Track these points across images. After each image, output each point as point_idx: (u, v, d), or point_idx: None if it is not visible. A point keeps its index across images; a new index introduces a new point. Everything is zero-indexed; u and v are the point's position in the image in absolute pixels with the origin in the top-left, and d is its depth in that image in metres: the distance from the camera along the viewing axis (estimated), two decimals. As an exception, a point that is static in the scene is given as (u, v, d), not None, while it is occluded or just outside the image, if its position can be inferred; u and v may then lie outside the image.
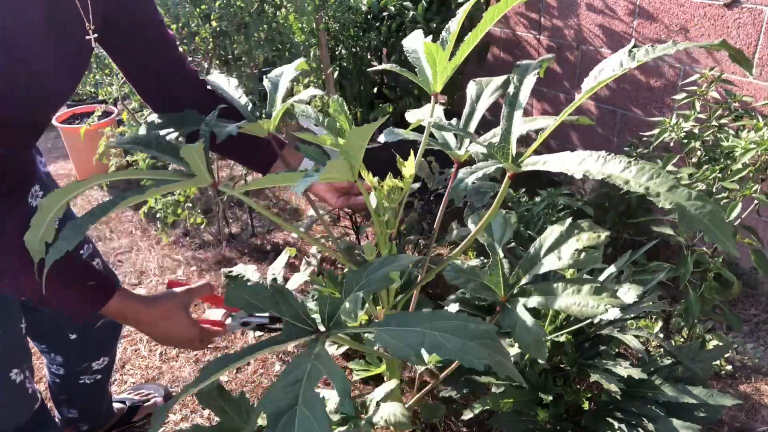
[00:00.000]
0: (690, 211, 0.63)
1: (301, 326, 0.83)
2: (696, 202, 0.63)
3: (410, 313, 0.79)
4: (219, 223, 2.63)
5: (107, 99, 2.61)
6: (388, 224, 0.94)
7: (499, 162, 0.81)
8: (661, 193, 0.65)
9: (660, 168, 0.66)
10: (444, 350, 0.72)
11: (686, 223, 0.63)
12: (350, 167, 0.78)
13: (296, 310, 0.84)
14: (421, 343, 0.73)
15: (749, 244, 1.53)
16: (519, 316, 0.96)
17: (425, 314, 0.78)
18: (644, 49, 0.72)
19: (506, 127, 0.84)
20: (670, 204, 0.64)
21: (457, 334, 0.74)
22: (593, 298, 0.93)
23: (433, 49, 0.84)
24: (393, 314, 0.81)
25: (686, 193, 0.64)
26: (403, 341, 0.73)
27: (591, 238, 0.96)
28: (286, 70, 1.07)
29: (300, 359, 0.75)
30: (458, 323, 0.75)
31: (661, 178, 0.66)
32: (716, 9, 2.03)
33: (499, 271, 1.05)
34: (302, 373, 0.73)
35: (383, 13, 2.75)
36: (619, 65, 0.73)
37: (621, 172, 0.68)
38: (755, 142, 1.45)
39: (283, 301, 0.84)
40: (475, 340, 0.73)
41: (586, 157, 0.72)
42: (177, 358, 2.01)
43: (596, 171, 0.69)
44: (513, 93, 0.85)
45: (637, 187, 0.66)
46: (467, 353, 0.72)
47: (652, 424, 1.27)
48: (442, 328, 0.74)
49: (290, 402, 0.70)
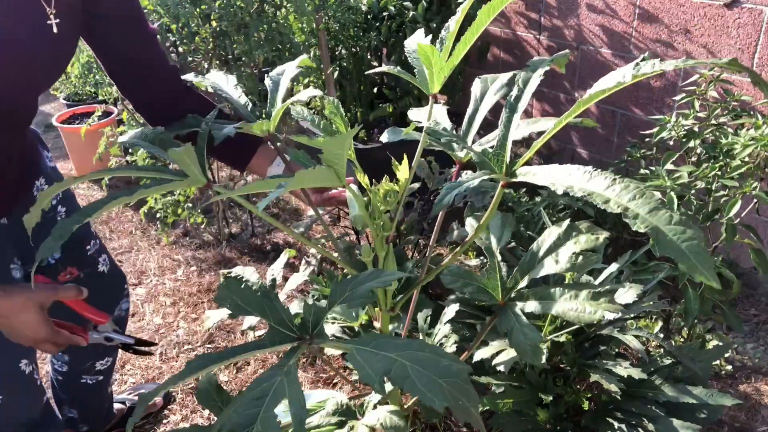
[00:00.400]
0: (667, 236, 0.59)
1: (286, 332, 0.82)
2: (676, 228, 0.59)
3: (391, 338, 0.78)
4: (219, 223, 2.63)
5: (107, 99, 2.61)
6: (384, 227, 0.94)
7: (490, 172, 0.79)
8: (640, 214, 0.61)
9: (646, 188, 0.63)
10: (408, 383, 0.69)
11: (660, 247, 0.59)
12: (335, 173, 0.77)
13: (281, 316, 0.83)
14: (387, 372, 0.70)
15: (749, 243, 1.53)
16: (516, 321, 0.95)
17: (403, 342, 0.75)
18: (650, 63, 0.69)
19: (503, 133, 0.82)
20: (645, 227, 0.60)
21: (428, 369, 0.70)
22: (590, 303, 0.92)
23: (428, 50, 0.83)
24: (371, 335, 0.79)
25: (667, 216, 0.60)
26: (371, 366, 0.70)
27: (589, 241, 0.96)
28: (288, 68, 1.07)
29: (270, 372, 0.75)
30: (431, 356, 0.72)
31: (643, 199, 0.62)
32: (716, 9, 2.03)
33: (496, 275, 1.05)
34: (269, 389, 0.72)
35: (383, 13, 2.75)
36: (621, 77, 0.70)
37: (604, 190, 0.65)
38: (754, 138, 1.45)
39: (269, 306, 0.84)
40: (444, 378, 0.70)
41: (573, 171, 0.70)
42: (177, 358, 2.01)
43: (579, 187, 0.67)
44: (515, 97, 0.84)
45: (616, 207, 0.63)
46: (431, 391, 0.68)
47: (652, 424, 1.27)
48: (413, 359, 0.71)
49: (250, 420, 0.69)
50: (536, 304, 0.97)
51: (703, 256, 0.58)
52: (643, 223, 0.61)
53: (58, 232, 0.77)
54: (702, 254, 0.58)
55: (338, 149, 0.73)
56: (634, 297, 1.35)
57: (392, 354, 0.72)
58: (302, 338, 0.83)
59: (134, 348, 1.18)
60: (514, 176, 0.78)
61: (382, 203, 0.91)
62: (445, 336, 1.34)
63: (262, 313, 0.84)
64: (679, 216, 0.60)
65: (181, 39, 2.19)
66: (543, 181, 0.72)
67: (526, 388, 1.38)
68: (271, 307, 0.84)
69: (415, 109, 1.07)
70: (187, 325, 2.16)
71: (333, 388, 1.82)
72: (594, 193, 0.65)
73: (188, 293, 2.32)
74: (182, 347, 2.06)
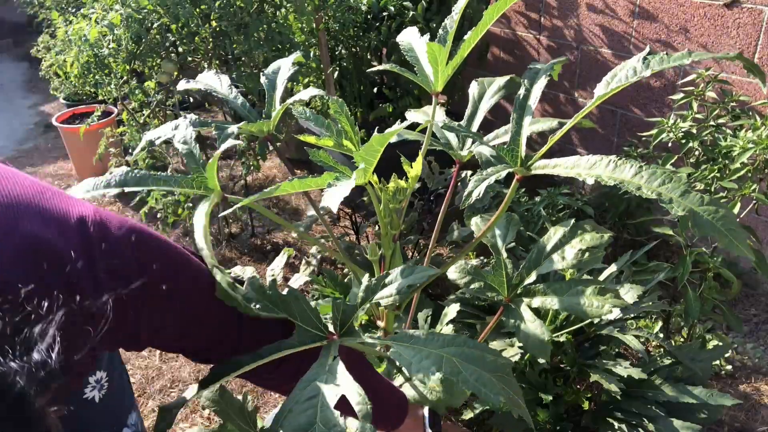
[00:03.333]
0: (703, 216, 0.62)
1: (314, 332, 0.82)
2: (709, 208, 0.62)
3: (429, 332, 0.78)
4: (219, 223, 2.63)
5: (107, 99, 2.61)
6: (392, 225, 0.94)
7: (509, 166, 0.80)
8: (674, 198, 0.64)
9: (672, 173, 0.66)
10: (461, 378, 0.70)
11: (700, 229, 0.62)
12: (365, 171, 0.78)
13: (309, 315, 0.83)
14: (439, 368, 0.71)
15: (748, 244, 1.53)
16: (523, 317, 0.96)
17: (444, 337, 0.76)
18: (659, 57, 0.71)
19: (516, 129, 0.83)
20: (683, 210, 0.63)
21: (476, 365, 0.72)
22: (597, 298, 0.93)
23: (435, 49, 0.84)
24: (405, 333, 0.79)
25: (699, 198, 0.63)
26: (420, 362, 0.72)
27: (594, 239, 0.97)
28: (283, 66, 1.07)
29: (313, 373, 0.74)
30: (476, 352, 0.73)
31: (673, 183, 0.65)
32: (716, 9, 2.03)
33: (502, 272, 1.05)
34: (318, 388, 0.72)
35: (383, 13, 2.75)
36: (633, 73, 0.72)
37: (633, 177, 0.67)
38: (753, 141, 1.45)
39: (297, 306, 0.84)
40: (491, 372, 0.71)
41: (596, 161, 0.71)
42: (177, 358, 2.01)
43: (607, 176, 0.68)
44: (523, 95, 0.85)
45: (650, 192, 0.65)
46: (484, 386, 0.70)
47: (652, 424, 1.27)
48: (461, 355, 0.73)
49: (309, 420, 0.69)
50: (543, 300, 0.97)
51: (738, 233, 0.62)
52: (679, 207, 0.63)
53: None
54: (737, 231, 0.62)
55: (380, 146, 0.75)
56: (634, 297, 1.35)
57: (438, 350, 0.73)
58: (330, 337, 0.83)
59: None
60: (530, 170, 0.79)
61: (391, 201, 0.91)
62: (445, 336, 1.34)
63: (288, 312, 0.83)
64: (710, 197, 0.63)
65: (181, 39, 2.19)
66: (566, 173, 0.73)
67: (526, 388, 1.38)
68: (298, 307, 0.84)
69: (413, 111, 1.08)
70: (187, 325, 2.16)
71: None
72: (625, 181, 0.67)
73: (188, 293, 2.32)
74: (182, 347, 2.06)
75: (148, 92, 2.41)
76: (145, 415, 1.80)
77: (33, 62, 5.24)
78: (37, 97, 4.80)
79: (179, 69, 2.27)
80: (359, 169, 0.74)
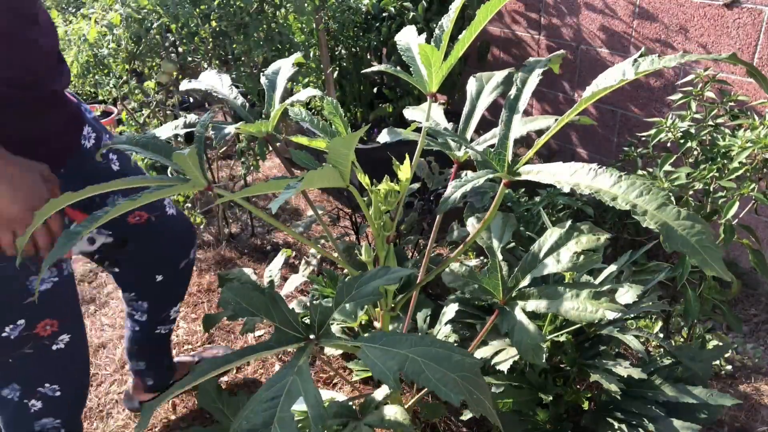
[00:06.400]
0: (677, 231, 0.60)
1: (292, 333, 0.83)
2: (685, 222, 0.60)
3: (399, 333, 0.79)
4: (219, 223, 2.63)
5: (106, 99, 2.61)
6: (385, 227, 0.94)
7: (493, 171, 0.80)
8: (648, 211, 0.62)
9: (652, 184, 0.64)
10: (422, 378, 0.70)
11: (671, 243, 0.60)
12: (339, 174, 0.77)
13: (286, 317, 0.84)
14: (401, 368, 0.71)
15: (747, 244, 1.53)
16: (517, 320, 0.96)
17: (414, 338, 0.76)
18: (649, 59, 0.70)
19: (504, 132, 0.83)
20: (655, 224, 0.61)
21: (441, 364, 0.71)
22: (592, 303, 0.93)
23: (428, 50, 0.84)
24: (380, 333, 0.80)
25: (675, 212, 0.61)
26: (384, 363, 0.72)
27: (590, 241, 0.96)
28: (283, 66, 1.07)
29: (282, 372, 0.75)
30: (442, 351, 0.73)
31: (650, 195, 0.63)
32: (716, 9, 2.03)
33: (497, 274, 1.05)
34: (281, 390, 0.72)
35: (383, 14, 2.74)
36: (621, 75, 0.72)
37: (610, 187, 0.66)
38: (751, 140, 1.45)
39: (275, 307, 0.84)
40: (457, 372, 0.71)
41: (577, 169, 0.71)
42: (176, 357, 2.01)
43: (585, 185, 0.68)
44: (514, 96, 0.84)
45: (624, 204, 0.64)
46: (446, 386, 0.70)
47: (652, 424, 1.27)
48: (426, 355, 0.72)
49: (266, 420, 0.69)
50: (537, 303, 0.97)
51: (713, 250, 0.59)
52: (652, 220, 0.61)
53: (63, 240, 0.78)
54: (711, 248, 0.59)
55: (346, 149, 0.73)
56: (634, 297, 1.35)
57: (404, 351, 0.73)
58: (308, 338, 0.83)
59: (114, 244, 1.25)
60: (516, 175, 0.79)
61: (383, 203, 0.91)
62: (445, 336, 1.34)
63: (267, 314, 0.84)
64: (687, 212, 0.61)
65: (181, 39, 2.19)
66: (548, 180, 0.72)
67: (526, 388, 1.38)
68: (276, 309, 0.84)
69: (410, 109, 1.07)
70: (187, 325, 2.16)
71: (333, 388, 1.82)
72: (601, 191, 0.66)
73: (188, 293, 2.32)
74: (182, 347, 2.05)
75: (147, 92, 2.41)
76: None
77: (33, 62, 5.22)
78: (37, 97, 4.80)
79: (179, 69, 2.27)
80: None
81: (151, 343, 1.64)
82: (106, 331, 2.15)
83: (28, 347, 1.14)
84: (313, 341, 0.82)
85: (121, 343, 2.08)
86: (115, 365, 1.99)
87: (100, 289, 2.38)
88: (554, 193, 1.92)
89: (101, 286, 2.39)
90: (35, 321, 1.12)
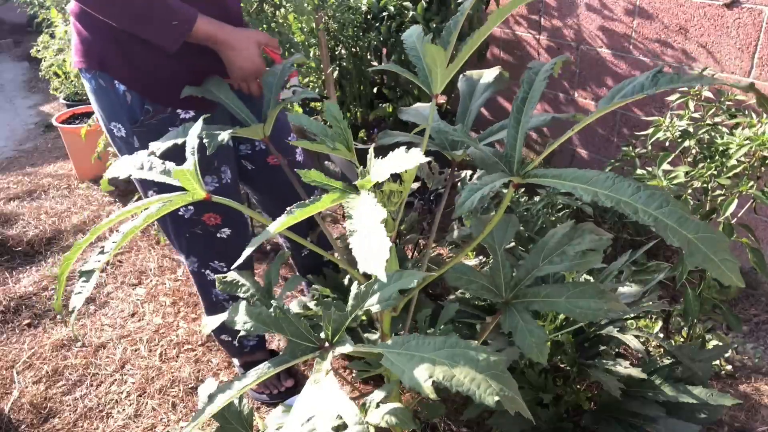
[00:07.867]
0: (700, 248, 0.62)
1: (305, 343, 0.82)
2: (704, 236, 0.62)
3: (418, 336, 0.77)
4: (219, 223, 2.63)
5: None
6: (386, 227, 0.94)
7: (507, 174, 0.79)
8: (670, 226, 0.63)
9: (669, 194, 0.65)
10: (455, 382, 0.69)
11: (694, 260, 0.62)
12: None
13: (298, 328, 0.83)
14: (431, 374, 0.69)
15: (746, 243, 1.53)
16: (521, 319, 0.96)
17: (435, 340, 0.74)
18: (668, 77, 0.70)
19: (513, 134, 0.82)
20: (679, 241, 0.62)
21: (470, 366, 0.70)
22: (595, 301, 0.93)
23: (435, 52, 0.83)
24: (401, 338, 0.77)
25: (695, 225, 0.63)
26: (413, 370, 0.70)
27: (593, 241, 0.96)
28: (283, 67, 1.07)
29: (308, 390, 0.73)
30: (467, 352, 0.71)
31: (671, 207, 0.64)
32: (716, 9, 2.03)
33: (500, 273, 1.05)
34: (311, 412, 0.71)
35: (383, 13, 2.74)
36: (640, 88, 0.71)
37: (630, 197, 0.66)
38: (749, 138, 1.45)
39: (285, 320, 0.84)
40: (485, 372, 0.70)
41: (594, 176, 0.70)
42: (177, 358, 2.01)
43: (604, 195, 0.68)
44: (521, 98, 0.84)
45: (646, 218, 0.64)
46: (479, 388, 0.68)
47: (652, 424, 1.27)
48: (452, 357, 0.71)
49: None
50: (541, 302, 0.97)
51: (731, 262, 0.62)
52: (674, 236, 0.63)
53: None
54: (729, 261, 0.62)
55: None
56: (634, 297, 1.35)
57: (429, 354, 0.71)
58: (323, 347, 0.82)
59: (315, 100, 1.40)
60: (527, 177, 0.78)
61: (386, 204, 0.91)
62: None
63: (278, 329, 0.83)
64: (705, 224, 0.63)
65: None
66: (564, 187, 0.72)
67: (526, 388, 1.38)
68: (287, 321, 0.83)
69: (405, 110, 1.07)
70: (186, 325, 2.16)
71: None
72: (622, 201, 0.66)
73: (188, 293, 2.32)
74: (182, 347, 2.06)
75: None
76: (143, 415, 1.80)
77: (33, 62, 5.24)
78: (37, 97, 4.80)
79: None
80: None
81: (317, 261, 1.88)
82: (106, 331, 2.15)
83: (198, 228, 1.46)
84: (328, 349, 0.81)
85: (121, 343, 2.08)
86: (115, 365, 1.99)
87: (100, 289, 2.38)
88: (554, 193, 1.92)
89: (101, 286, 2.39)
90: (201, 211, 1.43)
